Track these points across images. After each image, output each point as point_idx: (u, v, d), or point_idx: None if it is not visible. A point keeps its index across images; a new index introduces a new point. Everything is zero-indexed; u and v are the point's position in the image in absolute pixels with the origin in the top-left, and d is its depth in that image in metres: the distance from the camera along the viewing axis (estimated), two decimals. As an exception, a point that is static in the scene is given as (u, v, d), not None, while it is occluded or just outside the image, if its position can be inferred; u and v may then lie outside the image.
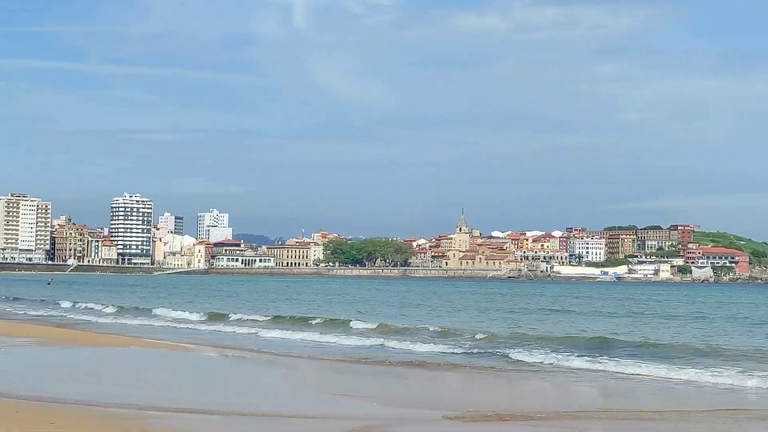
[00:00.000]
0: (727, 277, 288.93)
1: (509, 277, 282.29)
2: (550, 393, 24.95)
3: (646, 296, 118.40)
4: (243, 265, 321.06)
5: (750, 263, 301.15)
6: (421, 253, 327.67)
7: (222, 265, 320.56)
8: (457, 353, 34.28)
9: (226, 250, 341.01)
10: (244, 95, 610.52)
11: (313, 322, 50.59)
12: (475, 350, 35.22)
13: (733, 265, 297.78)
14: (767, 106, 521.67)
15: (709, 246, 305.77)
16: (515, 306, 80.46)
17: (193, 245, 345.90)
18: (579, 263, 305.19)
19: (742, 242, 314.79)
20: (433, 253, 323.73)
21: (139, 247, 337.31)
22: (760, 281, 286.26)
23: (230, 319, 54.13)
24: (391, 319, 53.26)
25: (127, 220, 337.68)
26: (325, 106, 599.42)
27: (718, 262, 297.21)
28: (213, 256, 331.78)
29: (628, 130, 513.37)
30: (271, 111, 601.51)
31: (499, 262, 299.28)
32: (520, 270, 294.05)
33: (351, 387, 25.13)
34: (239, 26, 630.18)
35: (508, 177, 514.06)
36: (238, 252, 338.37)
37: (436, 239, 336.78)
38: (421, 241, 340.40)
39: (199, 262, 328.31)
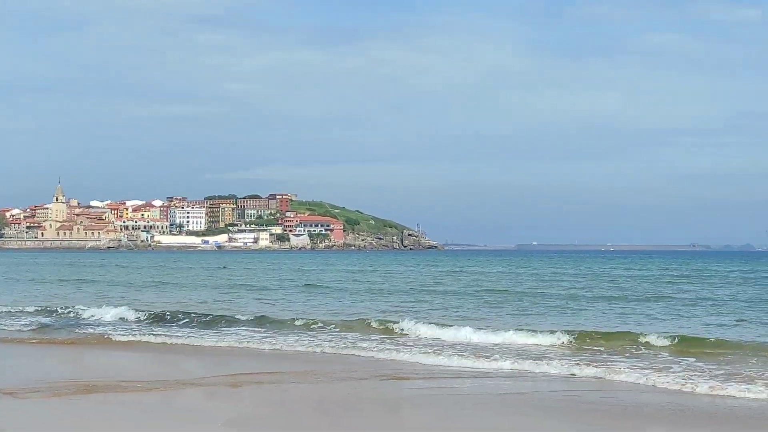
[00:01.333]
0: (323, 245, 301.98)
1: (109, 247, 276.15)
2: (141, 364, 23.83)
3: (236, 265, 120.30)
4: None
5: (344, 230, 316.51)
6: (15, 224, 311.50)
7: None
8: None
9: None
10: None
11: None
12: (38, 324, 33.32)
13: (329, 232, 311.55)
14: (358, 80, 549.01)
15: (306, 214, 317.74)
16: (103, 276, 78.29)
17: None
18: (180, 232, 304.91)
19: (337, 210, 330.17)
20: (28, 224, 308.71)
21: None
22: (353, 248, 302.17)
23: None
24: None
25: None
26: None
27: (314, 230, 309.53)
28: None
29: (230, 100, 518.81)
30: None
31: (99, 233, 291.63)
32: (120, 240, 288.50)
33: None
34: None
35: (108, 145, 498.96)
36: None
37: (32, 209, 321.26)
38: (15, 211, 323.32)
39: None
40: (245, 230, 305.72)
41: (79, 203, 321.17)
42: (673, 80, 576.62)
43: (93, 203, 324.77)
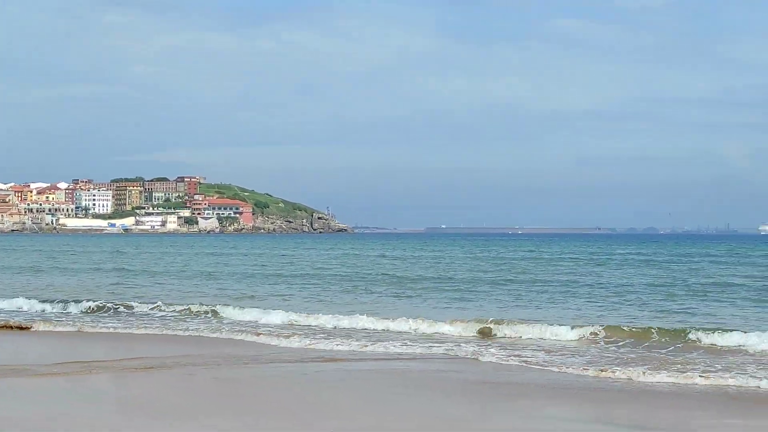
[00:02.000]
0: (232, 228, 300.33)
1: (13, 230, 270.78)
2: (44, 350, 23.68)
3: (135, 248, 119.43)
4: None
5: (253, 214, 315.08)
6: None
7: None
8: None
9: None
10: None
11: None
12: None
13: (238, 215, 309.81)
14: (267, 63, 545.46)
15: (215, 197, 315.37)
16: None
17: None
18: (86, 215, 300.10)
19: (246, 193, 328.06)
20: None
21: None
22: (263, 231, 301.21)
23: None
24: None
25: None
26: None
27: (223, 213, 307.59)
28: None
29: (137, 82, 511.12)
30: None
31: (2, 215, 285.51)
32: (24, 223, 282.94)
33: None
34: None
35: (12, 126, 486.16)
36: None
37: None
38: None
39: None
40: (153, 213, 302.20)
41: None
42: (578, 65, 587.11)
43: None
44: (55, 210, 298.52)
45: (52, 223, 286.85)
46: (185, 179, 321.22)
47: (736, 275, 54.05)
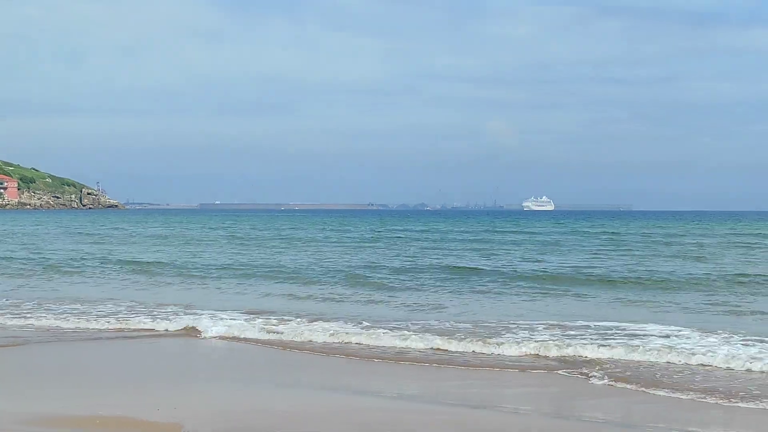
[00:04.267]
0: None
1: None
2: None
3: None
4: None
5: (19, 189, 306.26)
6: None
7: None
8: None
9: None
10: None
11: None
12: None
13: (3, 191, 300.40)
14: (31, 28, 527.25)
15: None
16: None
17: None
18: None
19: (11, 168, 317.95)
20: None
21: None
22: (29, 207, 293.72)
23: None
24: None
25: None
26: None
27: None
28: None
29: None
30: None
31: None
32: None
33: None
34: None
35: None
36: None
37: None
38: None
39: None
40: None
41: None
42: (351, 39, 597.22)
43: None
44: None
45: None
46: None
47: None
